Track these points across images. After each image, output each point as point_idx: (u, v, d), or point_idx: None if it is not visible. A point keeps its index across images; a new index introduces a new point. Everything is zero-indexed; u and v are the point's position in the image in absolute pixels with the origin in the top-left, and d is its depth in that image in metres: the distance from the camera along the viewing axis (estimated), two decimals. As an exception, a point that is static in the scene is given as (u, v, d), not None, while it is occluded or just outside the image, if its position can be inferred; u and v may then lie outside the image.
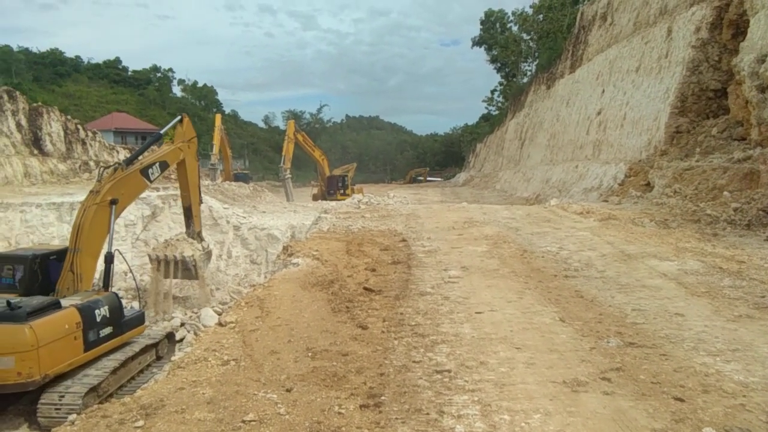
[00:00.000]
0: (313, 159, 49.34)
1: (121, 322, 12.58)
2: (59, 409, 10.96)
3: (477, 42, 78.33)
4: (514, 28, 71.00)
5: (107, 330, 12.26)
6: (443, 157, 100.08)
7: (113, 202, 12.93)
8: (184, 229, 24.98)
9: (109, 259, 13.05)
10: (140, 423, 4.67)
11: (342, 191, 45.55)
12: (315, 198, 45.93)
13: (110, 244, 13.00)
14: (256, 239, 24.76)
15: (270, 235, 24.58)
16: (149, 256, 17.51)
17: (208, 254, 16.61)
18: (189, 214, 16.75)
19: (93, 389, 11.65)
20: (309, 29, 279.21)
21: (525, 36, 66.17)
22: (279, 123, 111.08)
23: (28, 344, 10.49)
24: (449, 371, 5.78)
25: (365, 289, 9.20)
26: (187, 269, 15.89)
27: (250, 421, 4.66)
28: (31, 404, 11.99)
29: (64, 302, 12.09)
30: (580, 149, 30.79)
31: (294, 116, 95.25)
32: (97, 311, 12.12)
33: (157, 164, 14.40)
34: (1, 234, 22.63)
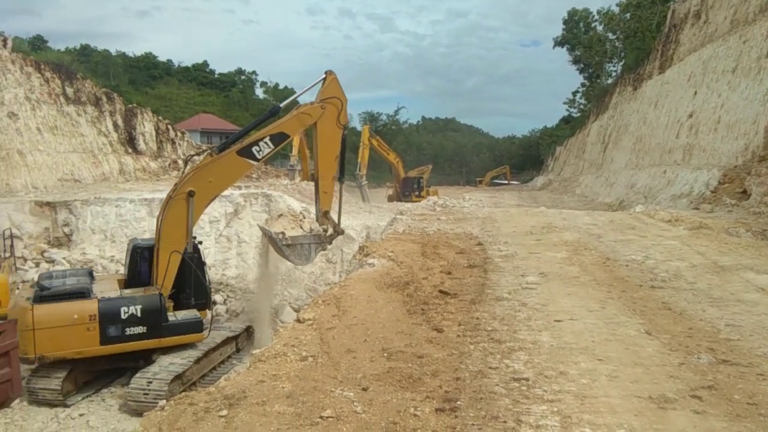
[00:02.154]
0: (388, 162, 49.71)
1: (161, 325, 12.88)
2: (147, 394, 11.67)
3: (559, 42, 76.28)
4: (599, 28, 68.59)
5: (138, 329, 12.67)
6: (521, 160, 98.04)
7: (191, 194, 12.87)
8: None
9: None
10: (224, 412, 4.86)
11: (417, 193, 45.62)
12: (390, 199, 46.26)
13: (188, 237, 13.34)
14: (332, 238, 25.20)
15: (345, 234, 24.97)
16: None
17: (317, 236, 14.69)
18: (317, 189, 14.91)
19: (178, 377, 12.32)
20: (387, 31, 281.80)
21: (610, 35, 63.73)
22: (356, 124, 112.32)
23: (27, 325, 11.38)
24: (527, 380, 5.65)
25: (441, 291, 9.15)
26: (277, 246, 14.62)
27: (328, 417, 4.75)
28: (123, 388, 12.82)
29: (98, 294, 12.77)
30: (669, 153, 29.30)
31: (371, 117, 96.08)
32: (124, 308, 12.57)
33: (267, 139, 13.51)
34: (98, 227, 24.25)
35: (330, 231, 14.91)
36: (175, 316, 13.35)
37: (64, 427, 11.25)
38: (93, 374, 13.25)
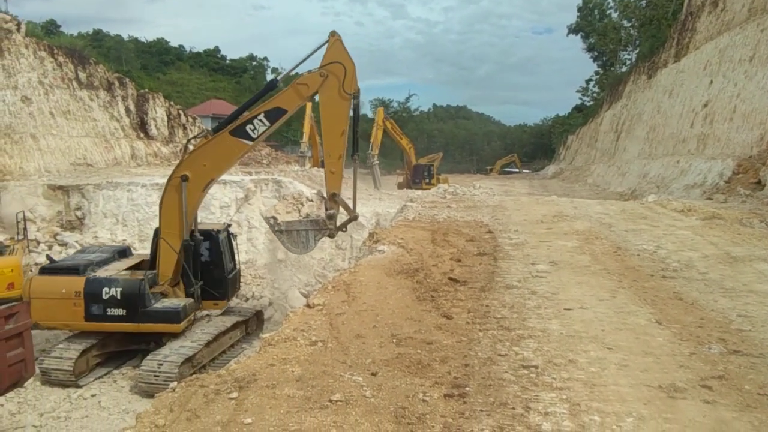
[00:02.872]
0: (401, 147, 49.60)
1: (139, 311, 12.84)
2: (158, 376, 11.81)
3: (573, 29, 75.44)
4: (614, 15, 67.71)
5: (117, 311, 12.74)
6: (532, 149, 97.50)
7: (184, 178, 12.59)
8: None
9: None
10: (234, 394, 4.90)
11: (428, 180, 45.53)
12: (400, 186, 46.19)
13: (186, 224, 13.22)
14: (342, 225, 25.25)
15: (356, 221, 25.01)
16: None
17: (314, 222, 13.45)
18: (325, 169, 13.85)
19: (188, 360, 12.46)
20: (398, 18, 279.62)
21: (625, 23, 62.90)
22: (367, 111, 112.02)
23: (25, 293, 12.04)
24: (536, 367, 5.65)
25: (450, 279, 9.15)
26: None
27: (337, 401, 4.77)
28: (134, 369, 12.98)
29: (101, 272, 13.08)
30: (683, 143, 28.99)
31: (382, 104, 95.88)
32: (105, 289, 12.69)
33: (261, 116, 12.41)
34: (109, 211, 24.45)
35: (336, 215, 13.45)
36: (163, 303, 13.21)
37: (76, 407, 11.44)
38: (105, 356, 13.43)
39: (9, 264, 15.12)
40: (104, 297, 12.68)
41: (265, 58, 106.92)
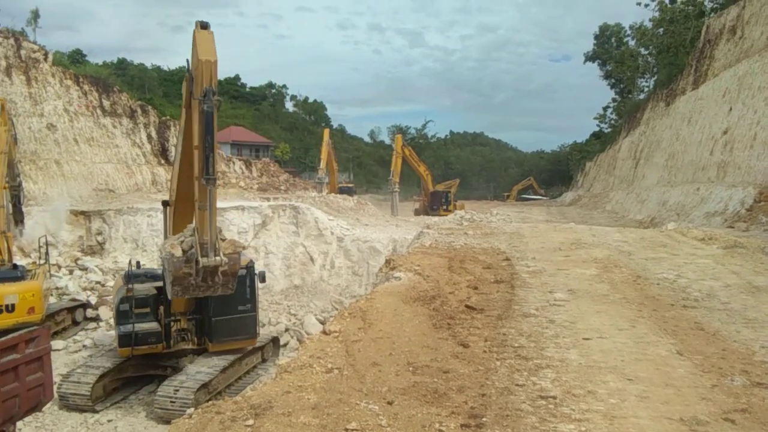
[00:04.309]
0: (418, 174, 49.86)
1: None
2: (174, 401, 11.82)
3: (590, 57, 75.75)
4: (631, 43, 67.90)
5: None
6: (549, 175, 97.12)
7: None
8: (288, 239, 26.14)
9: None
10: (250, 422, 4.89)
11: (445, 207, 45.56)
12: (417, 213, 46.27)
13: None
14: (359, 251, 25.35)
15: (372, 247, 25.07)
16: None
17: (167, 260, 10.92)
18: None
19: (204, 386, 12.46)
20: (416, 46, 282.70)
21: (643, 50, 63.00)
22: (384, 138, 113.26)
23: None
24: (554, 398, 5.57)
25: (467, 306, 9.10)
26: None
27: (353, 430, 4.75)
28: (150, 395, 13.00)
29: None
30: (702, 171, 28.73)
31: (399, 131, 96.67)
32: None
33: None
34: (129, 236, 24.79)
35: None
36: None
37: (92, 432, 11.46)
38: (121, 381, 13.47)
39: (30, 289, 15.35)
40: None
41: (284, 86, 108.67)
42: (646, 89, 61.07)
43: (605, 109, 78.17)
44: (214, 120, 10.04)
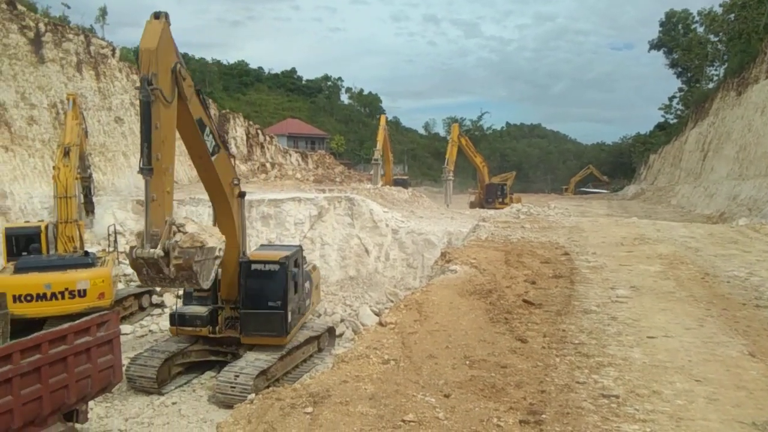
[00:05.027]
0: (474, 165, 49.26)
1: None
2: (234, 387, 12.17)
3: (654, 45, 72.67)
4: (700, 29, 64.72)
5: None
6: (610, 168, 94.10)
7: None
8: (343, 230, 26.40)
9: None
10: (309, 409, 4.98)
11: (501, 200, 44.87)
12: (472, 206, 45.75)
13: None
14: (413, 243, 25.31)
15: (427, 240, 24.98)
16: None
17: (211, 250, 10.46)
18: None
19: (263, 372, 12.77)
20: (471, 37, 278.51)
21: (712, 37, 59.96)
22: (439, 129, 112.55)
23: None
24: (617, 397, 5.41)
25: (525, 301, 8.95)
26: None
27: (410, 421, 4.76)
28: (212, 379, 13.44)
29: None
30: (777, 163, 27.18)
31: (455, 123, 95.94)
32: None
33: None
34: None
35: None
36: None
37: (158, 414, 11.95)
38: (185, 365, 13.98)
39: (100, 275, 16.10)
40: None
41: (340, 79, 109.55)
42: (715, 78, 58.16)
43: (671, 99, 74.97)
44: (150, 110, 9.67)
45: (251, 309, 13.54)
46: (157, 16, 10.08)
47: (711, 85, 56.42)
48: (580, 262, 12.09)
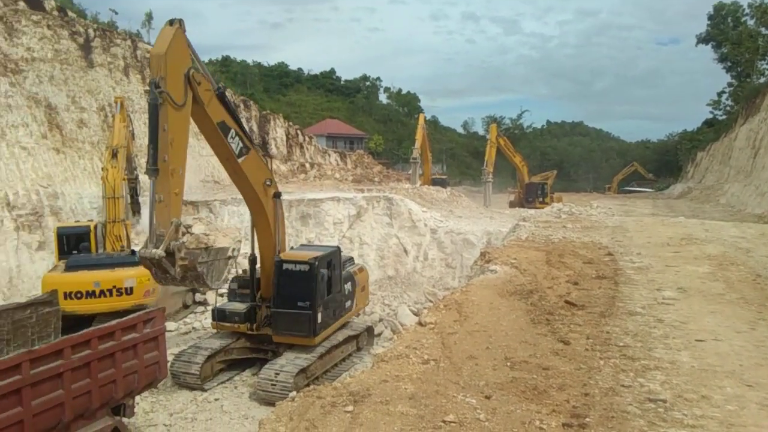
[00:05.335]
0: (513, 164, 48.74)
1: None
2: (275, 384, 12.32)
3: (702, 39, 70.35)
4: (750, 22, 62.34)
5: None
6: (656, 166, 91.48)
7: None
8: (382, 230, 26.46)
9: None
10: (350, 408, 5.01)
11: (541, 199, 44.23)
12: (512, 205, 45.25)
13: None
14: (452, 243, 25.18)
15: (466, 239, 24.82)
16: None
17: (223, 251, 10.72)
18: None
19: (303, 371, 12.89)
20: (511, 34, 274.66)
21: (764, 30, 57.73)
22: (478, 128, 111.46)
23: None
24: (664, 401, 5.27)
25: (567, 302, 8.80)
26: None
27: (451, 422, 4.73)
28: (253, 376, 13.66)
29: None
30: (834, 160, 25.96)
31: (494, 122, 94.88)
32: None
33: None
34: (233, 225, 26.00)
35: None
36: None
37: (201, 410, 12.19)
38: (227, 362, 14.23)
39: (147, 273, 16.49)
40: None
41: (378, 78, 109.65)
42: (767, 72, 56.01)
43: (720, 94, 72.39)
44: (158, 112, 9.83)
45: (282, 308, 13.65)
46: (171, 22, 10.33)
47: (762, 80, 54.35)
48: (625, 262, 11.80)
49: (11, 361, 7.61)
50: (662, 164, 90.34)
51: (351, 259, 17.76)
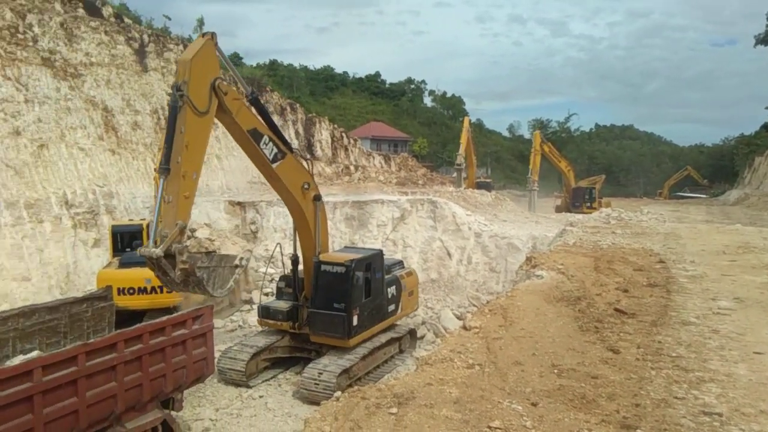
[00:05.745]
0: (559, 170, 47.95)
1: None
2: (318, 384, 12.44)
3: (761, 39, 67.61)
4: (815, 21, 59.62)
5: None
6: (710, 171, 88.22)
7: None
8: (425, 233, 26.40)
9: None
10: (394, 410, 5.01)
11: (588, 204, 43.32)
12: (558, 210, 44.51)
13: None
14: (497, 247, 24.88)
15: (510, 244, 24.48)
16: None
17: (228, 258, 11.07)
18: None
19: (345, 371, 12.97)
20: (559, 36, 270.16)
21: (830, 30, 55.12)
22: (524, 132, 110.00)
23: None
24: (720, 415, 5.07)
25: (616, 310, 8.58)
26: None
27: (496, 428, 4.68)
28: (296, 375, 13.83)
29: None
30: None
31: (540, 125, 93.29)
32: None
33: None
34: (279, 226, 26.44)
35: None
36: None
37: (246, 406, 12.41)
38: (272, 360, 14.46)
39: (195, 271, 16.95)
40: None
41: (423, 81, 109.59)
42: (833, 73, 53.35)
43: (780, 97, 69.49)
44: (176, 115, 9.98)
45: (319, 309, 13.79)
46: (204, 35, 10.82)
47: (827, 82, 51.80)
48: (677, 270, 11.43)
49: (68, 353, 7.93)
50: (717, 169, 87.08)
51: (400, 262, 17.68)
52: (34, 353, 9.20)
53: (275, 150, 12.46)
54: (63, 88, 25.48)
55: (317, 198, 13.76)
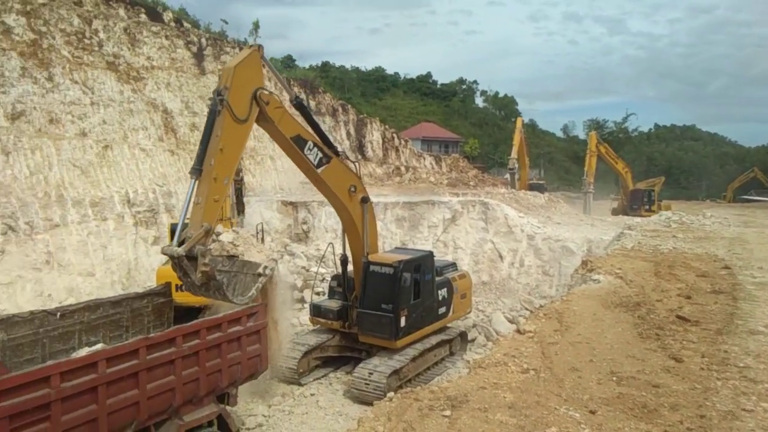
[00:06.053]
0: (615, 171, 46.69)
1: None
2: (368, 384, 12.48)
3: (837, 34, 63.91)
4: None
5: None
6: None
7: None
8: (477, 234, 26.13)
9: None
10: (447, 413, 4.97)
11: (647, 207, 41.98)
12: (615, 212, 43.32)
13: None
14: (550, 250, 24.38)
15: (564, 247, 23.95)
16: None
17: (252, 265, 10.58)
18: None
19: (396, 372, 12.97)
20: (616, 34, 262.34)
21: None
22: (579, 132, 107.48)
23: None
24: (793, 430, 4.80)
25: (678, 317, 8.27)
26: None
27: (553, 435, 4.57)
28: (347, 374, 13.93)
29: None
30: None
31: (596, 126, 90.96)
32: None
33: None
34: (330, 226, 26.72)
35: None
36: None
37: (298, 404, 12.58)
38: (323, 359, 14.61)
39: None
40: None
41: (475, 82, 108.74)
42: None
43: None
44: (214, 119, 10.06)
45: (367, 309, 13.81)
46: (251, 47, 11.17)
47: None
48: (744, 277, 10.92)
49: (131, 346, 8.22)
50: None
51: (453, 264, 17.55)
52: (99, 346, 9.57)
53: (320, 155, 12.55)
54: (126, 91, 26.54)
55: (365, 200, 13.81)
